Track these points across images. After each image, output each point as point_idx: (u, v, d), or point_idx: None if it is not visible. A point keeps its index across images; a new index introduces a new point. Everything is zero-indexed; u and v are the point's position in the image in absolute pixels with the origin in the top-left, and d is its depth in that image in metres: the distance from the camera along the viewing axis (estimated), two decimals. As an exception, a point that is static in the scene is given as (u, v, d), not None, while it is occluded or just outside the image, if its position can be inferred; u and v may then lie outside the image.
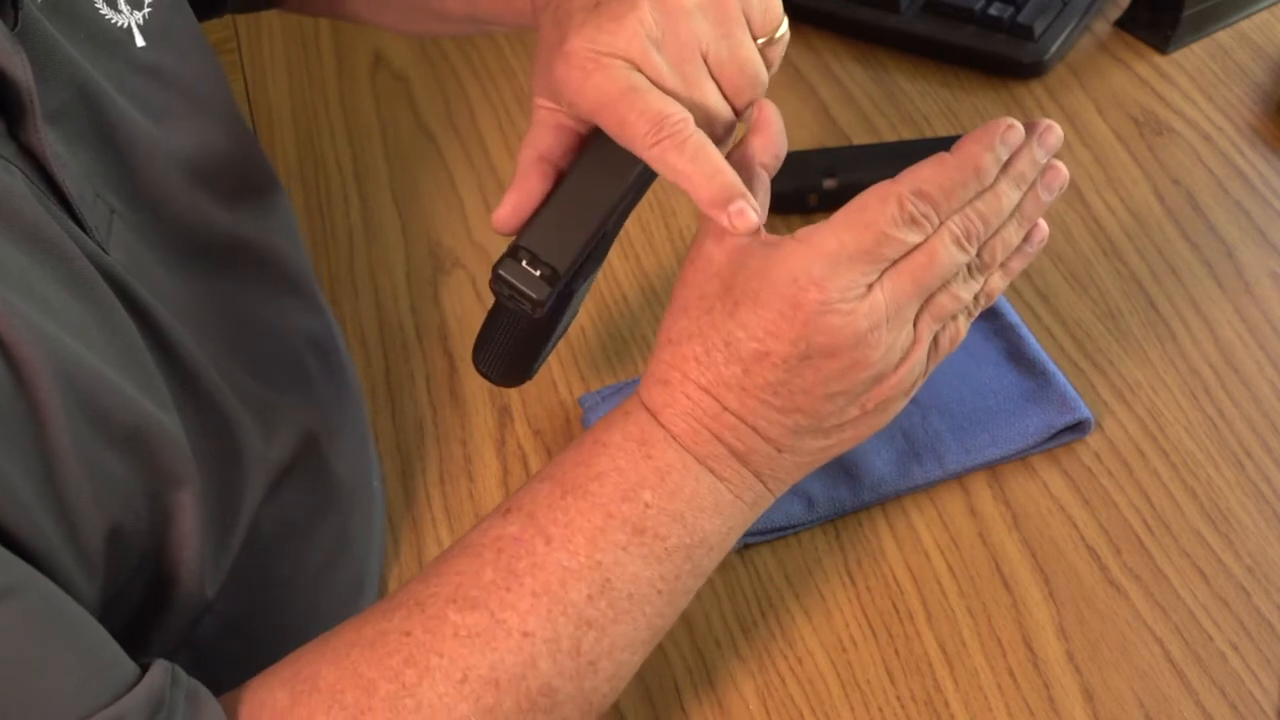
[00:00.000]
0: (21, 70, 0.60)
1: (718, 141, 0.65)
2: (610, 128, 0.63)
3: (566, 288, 0.66)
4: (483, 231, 1.01)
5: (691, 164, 0.62)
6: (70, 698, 0.55)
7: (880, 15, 1.09)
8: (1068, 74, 1.05)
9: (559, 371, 0.90)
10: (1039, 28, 1.05)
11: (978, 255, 0.65)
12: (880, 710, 0.72)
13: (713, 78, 0.65)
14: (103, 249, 0.63)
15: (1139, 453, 0.81)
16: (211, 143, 0.74)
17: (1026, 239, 0.67)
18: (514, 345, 0.73)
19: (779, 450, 0.65)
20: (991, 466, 0.81)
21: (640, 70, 0.63)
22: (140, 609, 0.65)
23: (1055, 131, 0.66)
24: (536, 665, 0.61)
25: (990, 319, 0.87)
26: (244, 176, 0.78)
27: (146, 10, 0.72)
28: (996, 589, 0.76)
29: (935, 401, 0.83)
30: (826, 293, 0.61)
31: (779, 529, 0.79)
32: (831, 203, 0.97)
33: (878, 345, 0.62)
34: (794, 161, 0.97)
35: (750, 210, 0.62)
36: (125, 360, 0.62)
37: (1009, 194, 0.64)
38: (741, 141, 0.67)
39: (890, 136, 1.03)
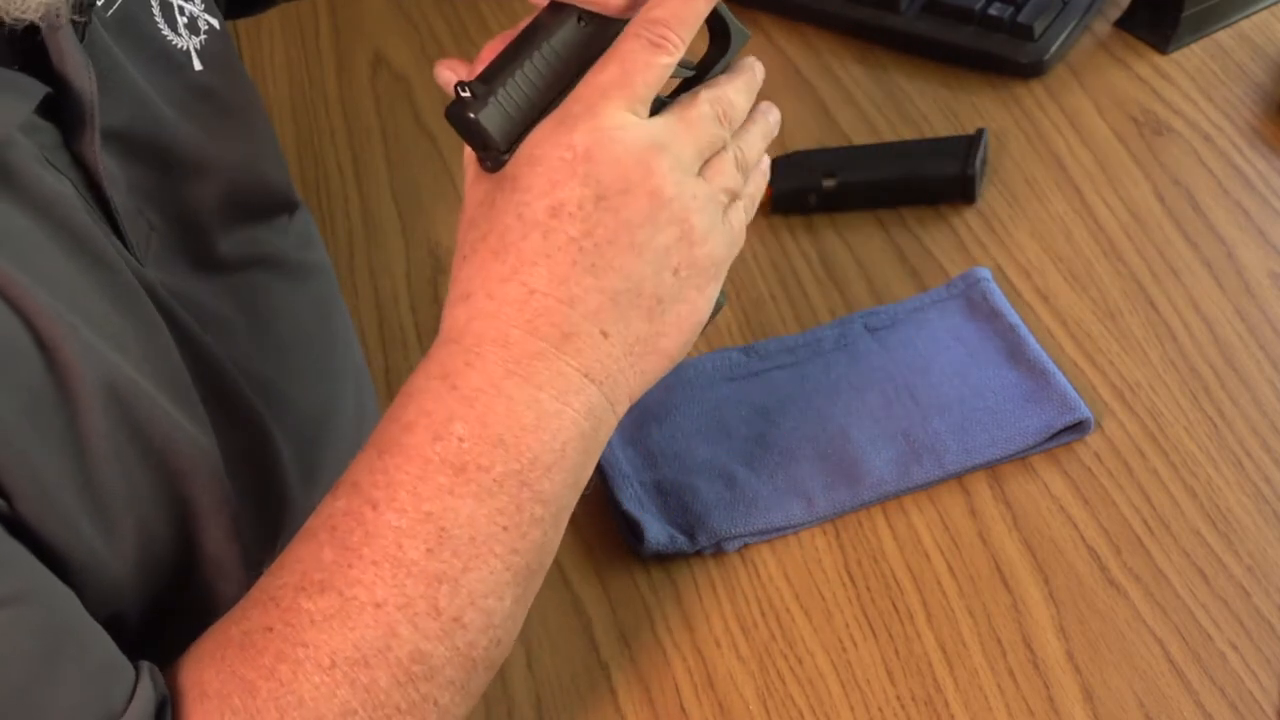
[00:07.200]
0: (87, 83, 0.61)
1: None
2: None
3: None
4: (483, 231, 1.01)
5: None
6: (71, 713, 0.55)
7: (880, 15, 1.09)
8: (1068, 74, 1.05)
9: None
10: (1039, 28, 1.05)
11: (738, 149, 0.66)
12: (880, 710, 0.72)
13: None
14: (141, 264, 0.64)
15: (1139, 453, 0.81)
16: (255, 166, 0.75)
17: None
18: None
19: (604, 334, 0.62)
20: (991, 466, 0.81)
21: None
22: (186, 619, 0.65)
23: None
24: (398, 634, 0.59)
25: (990, 319, 0.86)
26: (280, 199, 0.79)
27: (203, 36, 0.74)
28: (996, 589, 0.76)
29: (935, 401, 0.83)
30: (596, 120, 0.61)
31: (779, 529, 0.79)
32: (832, 203, 0.97)
33: (667, 174, 0.62)
34: (794, 161, 0.98)
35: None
36: (164, 377, 0.63)
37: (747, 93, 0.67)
38: None
39: (890, 136, 1.03)
